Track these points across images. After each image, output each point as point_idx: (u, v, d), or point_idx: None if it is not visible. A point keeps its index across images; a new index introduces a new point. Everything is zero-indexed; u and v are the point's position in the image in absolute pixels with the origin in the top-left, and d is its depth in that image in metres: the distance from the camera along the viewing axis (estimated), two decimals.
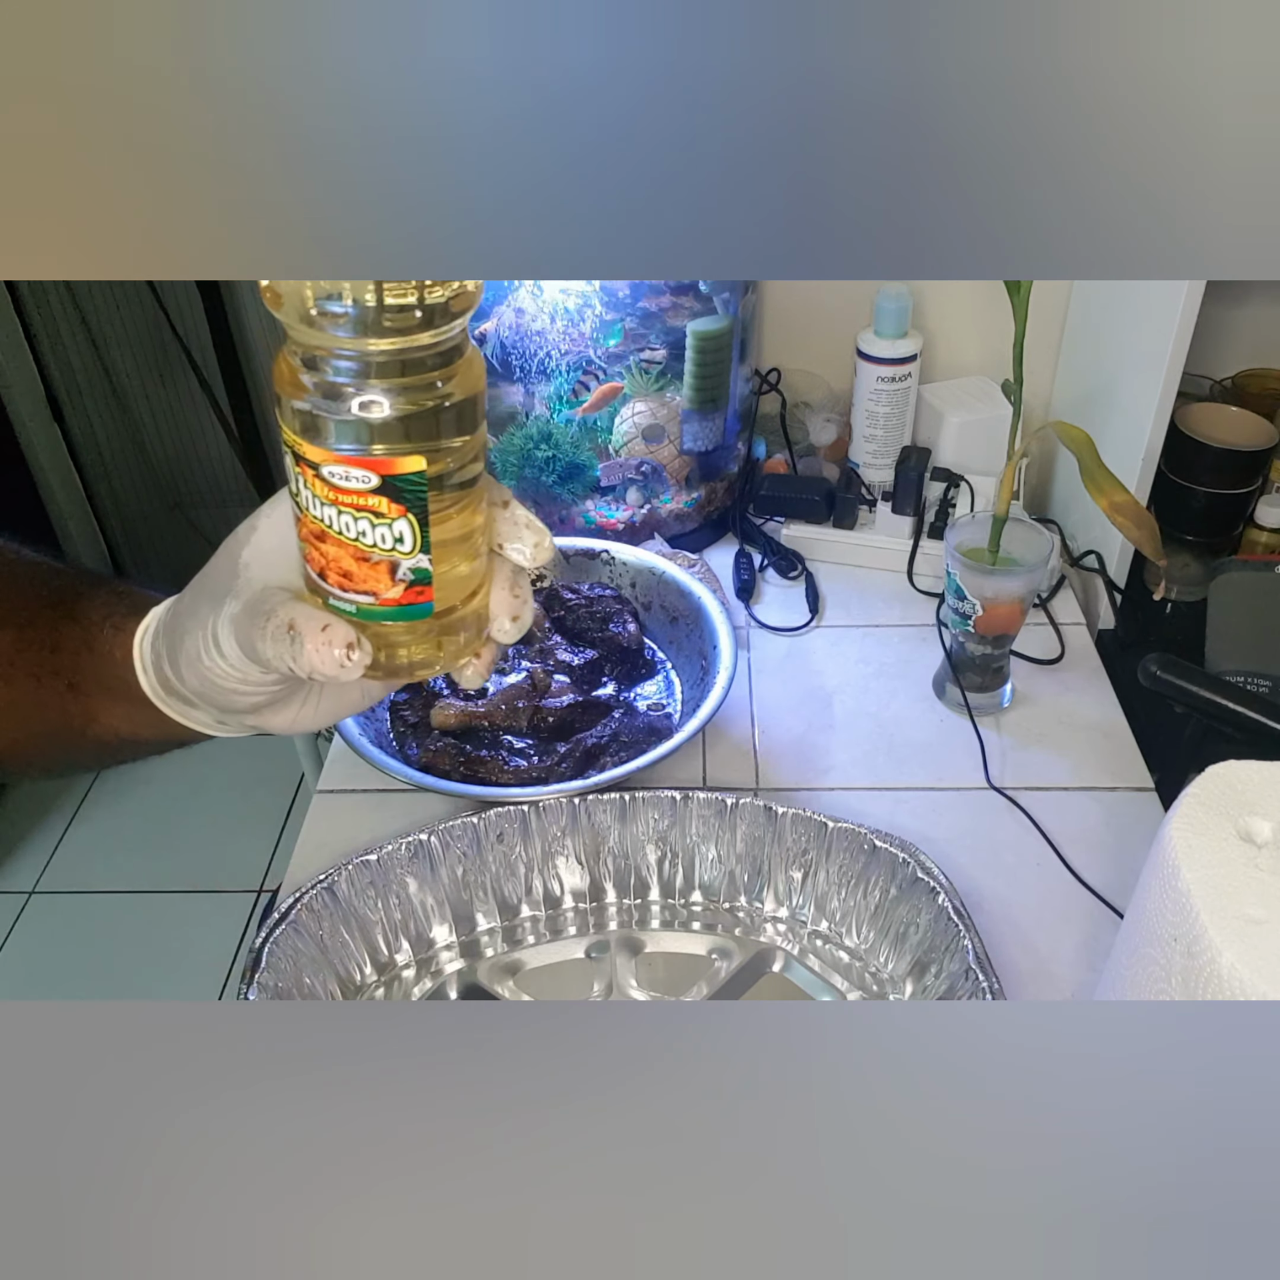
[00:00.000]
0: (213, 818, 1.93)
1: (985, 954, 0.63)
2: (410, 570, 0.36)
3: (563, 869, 0.75)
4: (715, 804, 0.73)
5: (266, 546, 0.39)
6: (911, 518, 1.04)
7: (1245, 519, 1.01)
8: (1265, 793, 0.51)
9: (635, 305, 0.94)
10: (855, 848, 0.71)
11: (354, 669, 0.36)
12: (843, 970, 0.71)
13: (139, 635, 0.44)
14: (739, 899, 0.75)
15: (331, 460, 0.34)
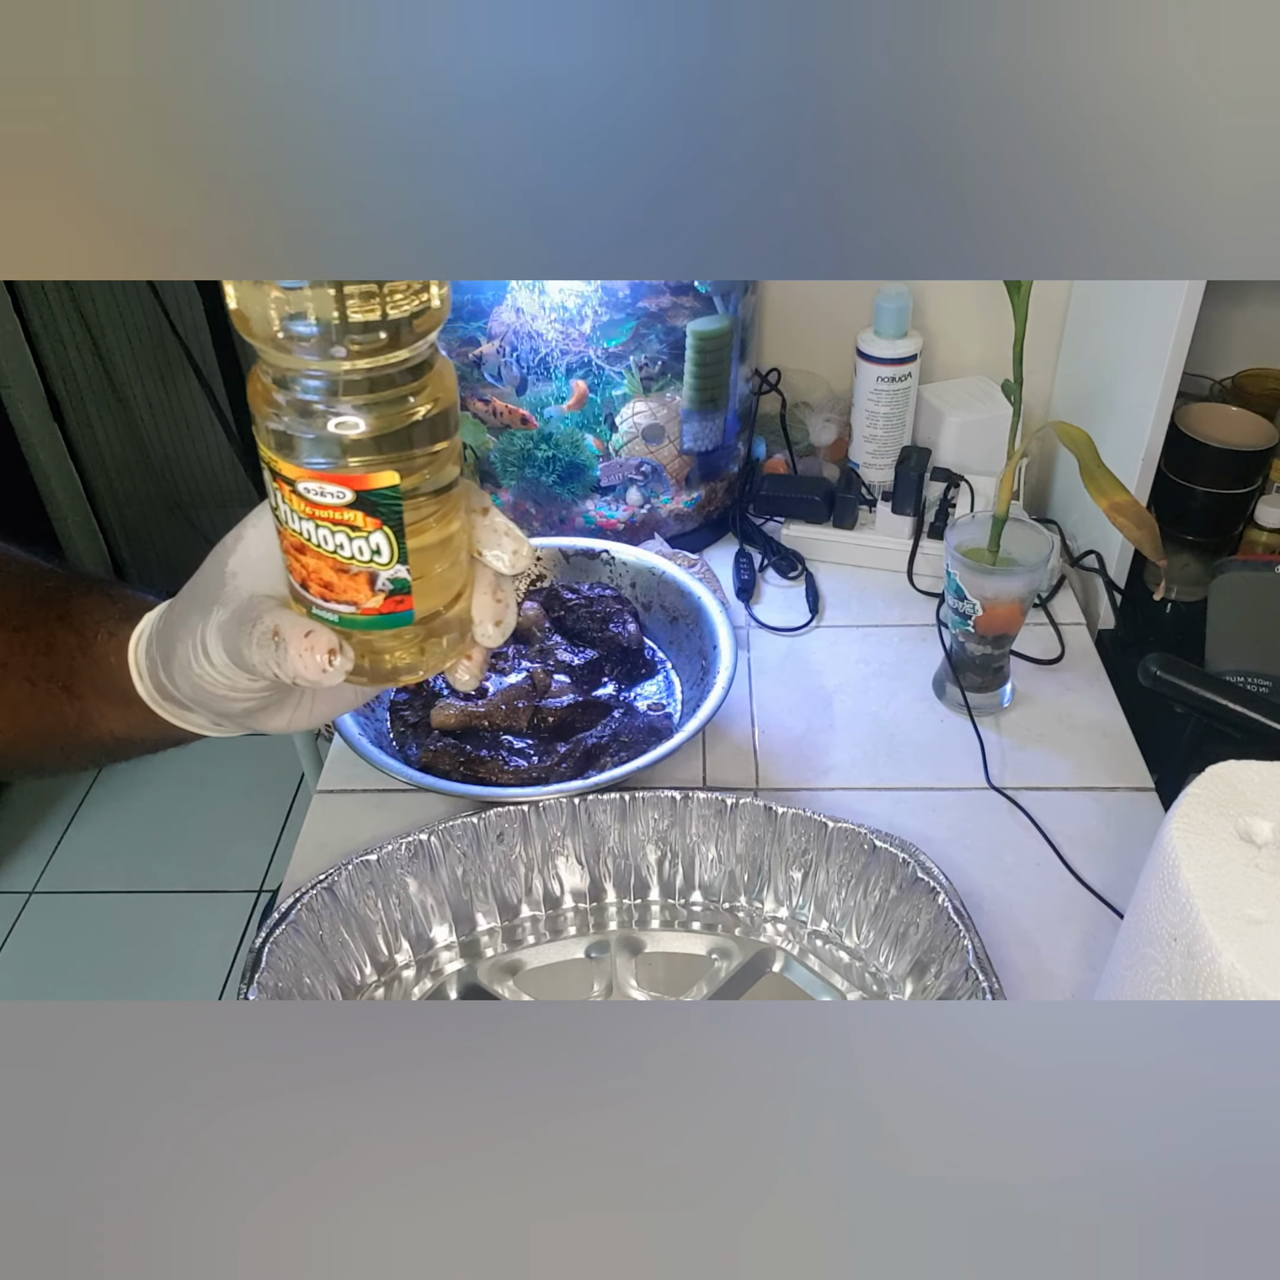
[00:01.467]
0: (213, 818, 1.93)
1: (985, 954, 0.63)
2: (389, 580, 0.37)
3: (563, 869, 0.75)
4: (715, 804, 0.73)
5: (253, 555, 0.40)
6: (911, 518, 1.04)
7: (1245, 519, 1.01)
8: (1265, 793, 0.51)
9: (635, 305, 0.94)
10: (855, 848, 0.71)
11: (336, 674, 0.37)
12: (843, 970, 0.71)
13: (133, 641, 0.45)
14: (739, 899, 0.75)
15: (306, 476, 0.34)
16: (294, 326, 0.32)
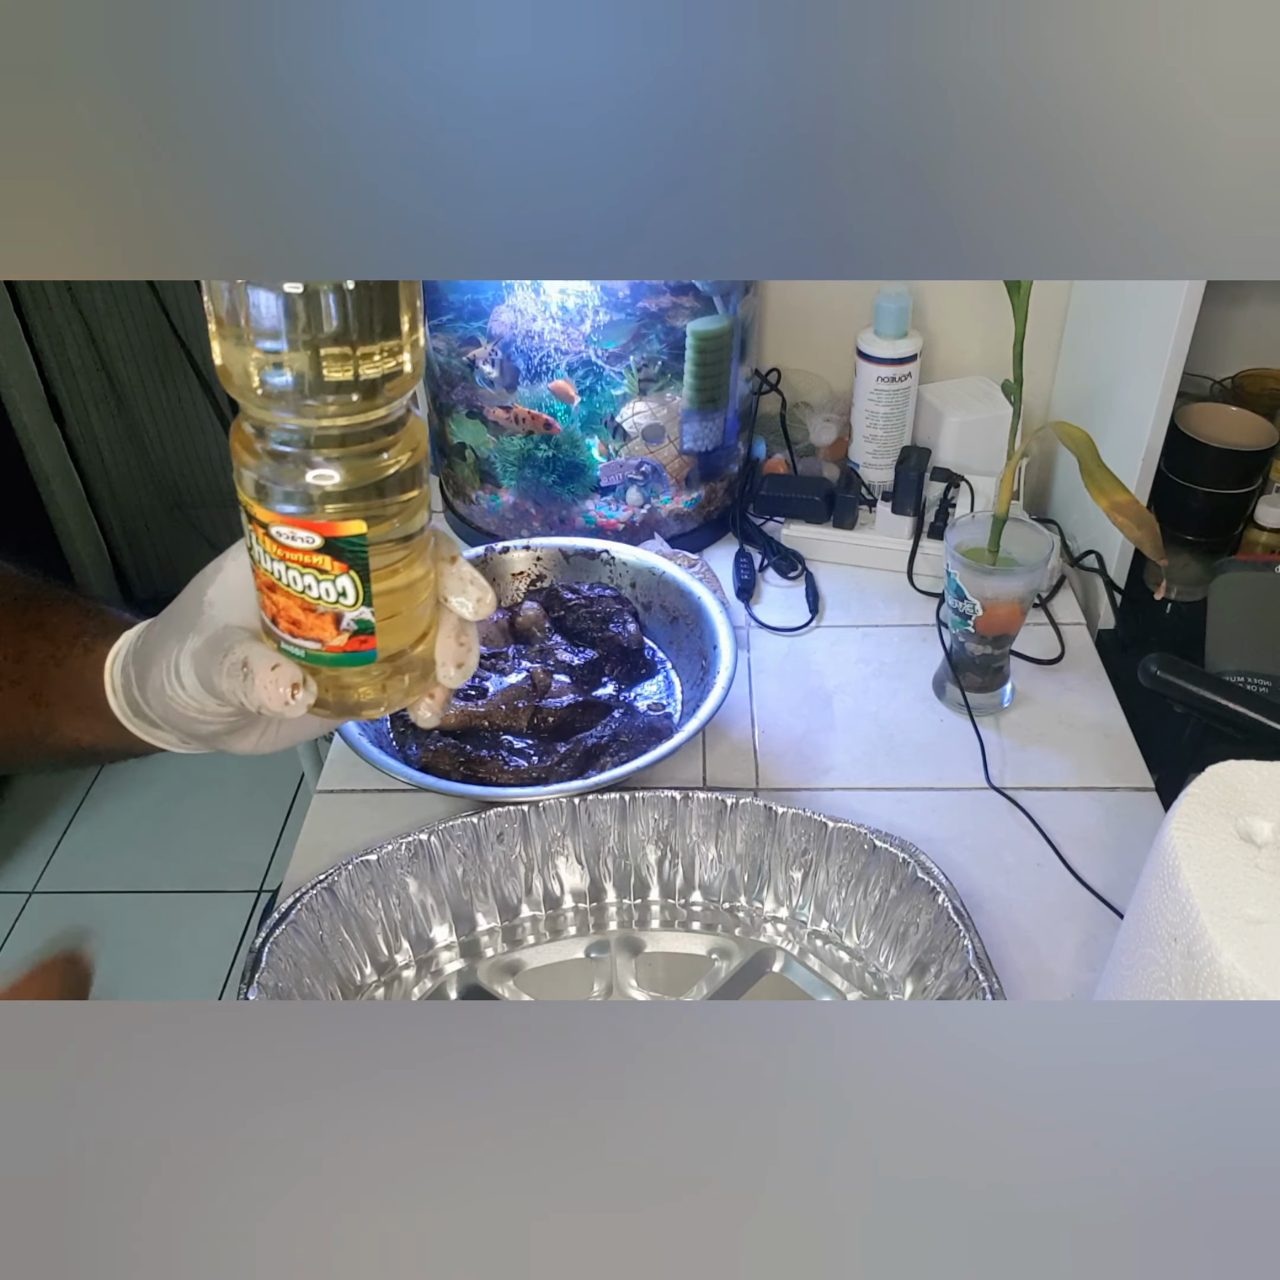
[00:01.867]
0: (213, 818, 1.93)
1: (985, 954, 0.63)
2: (354, 621, 0.38)
3: (563, 869, 0.75)
4: (715, 804, 0.73)
5: (230, 586, 0.42)
6: (911, 518, 1.04)
7: (1245, 519, 1.01)
8: (1265, 793, 0.51)
9: (635, 305, 0.94)
10: (855, 848, 0.71)
11: (298, 707, 0.39)
12: (843, 970, 0.71)
13: (110, 658, 0.46)
14: (739, 899, 0.75)
15: (279, 521, 0.36)
16: (273, 383, 0.33)
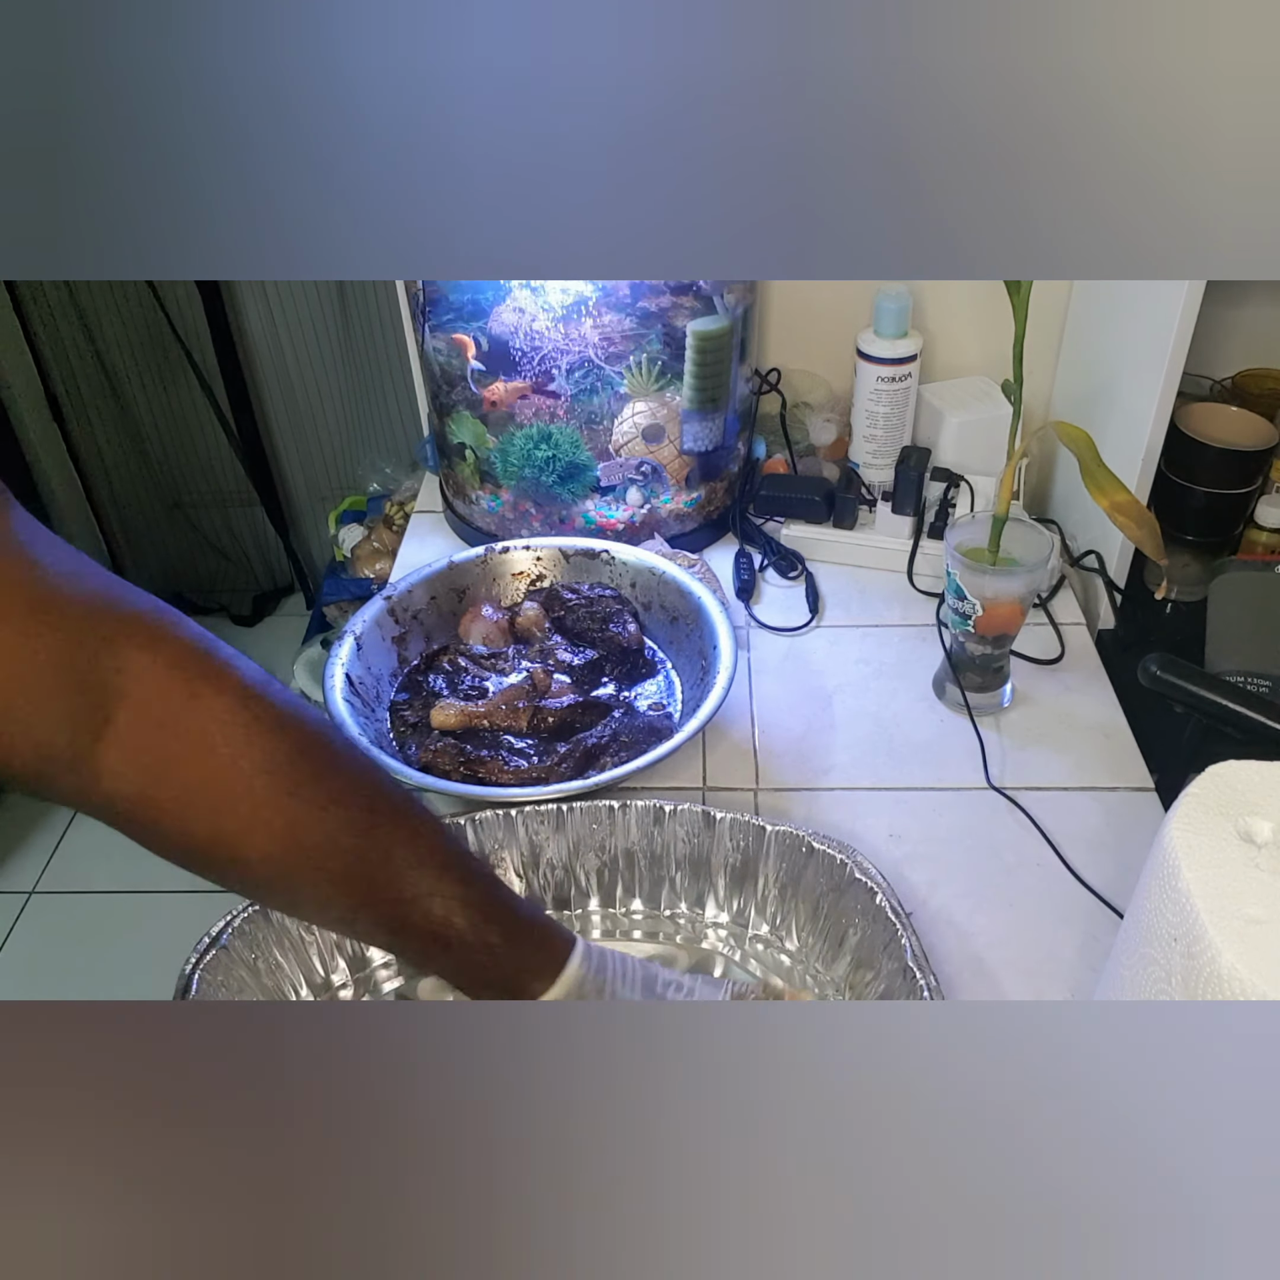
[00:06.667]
0: None
1: (923, 952, 0.63)
2: None
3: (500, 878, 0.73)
4: (653, 810, 0.73)
5: None
6: (911, 518, 1.04)
7: (1245, 519, 1.01)
8: (1265, 793, 0.51)
9: (635, 305, 0.94)
10: (793, 850, 0.71)
11: None
12: (784, 973, 0.71)
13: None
14: (679, 906, 0.74)
15: None
16: None
